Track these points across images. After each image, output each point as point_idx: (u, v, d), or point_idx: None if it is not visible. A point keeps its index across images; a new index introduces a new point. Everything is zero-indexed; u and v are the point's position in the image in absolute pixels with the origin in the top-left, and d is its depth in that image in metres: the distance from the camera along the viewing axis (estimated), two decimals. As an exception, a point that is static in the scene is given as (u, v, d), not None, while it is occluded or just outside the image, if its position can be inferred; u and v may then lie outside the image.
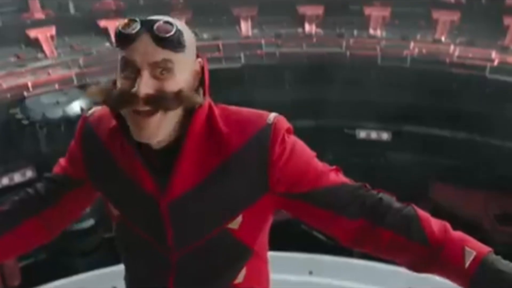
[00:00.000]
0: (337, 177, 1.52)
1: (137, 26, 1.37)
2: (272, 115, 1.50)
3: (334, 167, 1.54)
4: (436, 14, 15.79)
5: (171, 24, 1.39)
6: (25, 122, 13.08)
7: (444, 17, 15.75)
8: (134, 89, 1.34)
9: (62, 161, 1.71)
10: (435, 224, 1.47)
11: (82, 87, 13.89)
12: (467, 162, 13.30)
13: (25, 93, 13.66)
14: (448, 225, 1.48)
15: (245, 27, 16.48)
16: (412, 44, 15.06)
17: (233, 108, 1.54)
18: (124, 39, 1.37)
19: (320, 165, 1.52)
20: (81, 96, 13.51)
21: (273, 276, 1.68)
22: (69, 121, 12.66)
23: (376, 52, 14.91)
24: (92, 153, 1.60)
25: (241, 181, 1.47)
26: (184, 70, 1.40)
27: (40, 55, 15.32)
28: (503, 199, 12.62)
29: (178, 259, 1.56)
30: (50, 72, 14.60)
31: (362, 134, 14.64)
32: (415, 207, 1.49)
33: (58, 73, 14.62)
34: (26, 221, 1.66)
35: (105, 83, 1.45)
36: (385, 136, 14.50)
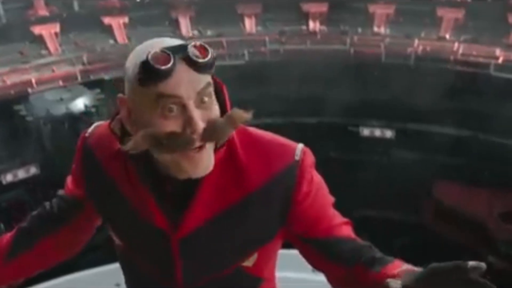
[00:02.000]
0: (349, 231, 1.47)
1: (171, 57, 1.20)
2: (299, 149, 1.39)
3: (346, 220, 1.48)
4: (440, 12, 15.74)
5: (203, 46, 1.24)
6: (29, 118, 13.11)
7: (449, 15, 15.70)
8: (189, 130, 1.21)
9: (68, 181, 1.61)
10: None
11: (86, 84, 13.93)
12: (471, 160, 13.27)
13: (29, 90, 13.69)
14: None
15: (249, 24, 16.47)
16: (416, 42, 15.02)
17: (254, 132, 1.43)
18: (162, 75, 1.20)
19: (336, 213, 1.47)
20: (85, 92, 13.54)
21: (277, 273, 1.66)
22: (73, 118, 12.69)
23: (380, 50, 14.87)
24: (92, 177, 1.47)
25: (260, 219, 1.39)
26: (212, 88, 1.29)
27: (44, 51, 15.35)
28: (507, 198, 12.58)
29: None
30: (54, 68, 14.63)
31: (365, 131, 14.62)
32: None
33: (62, 69, 14.64)
34: (44, 239, 1.62)
35: (144, 131, 1.25)
36: (388, 134, 14.48)
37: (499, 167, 12.81)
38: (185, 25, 16.05)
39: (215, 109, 1.26)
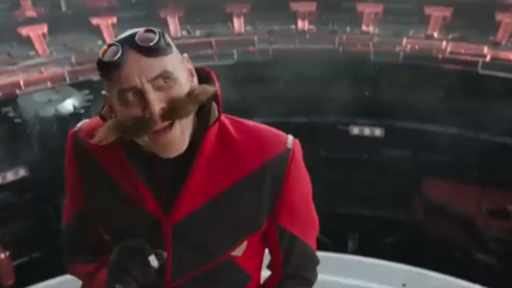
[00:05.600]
0: (312, 239, 1.54)
1: (119, 49, 1.25)
2: (290, 139, 1.43)
3: (316, 222, 1.55)
4: (428, 10, 15.81)
5: (151, 30, 1.28)
6: (17, 120, 13.02)
7: (436, 13, 15.77)
8: (147, 112, 1.24)
9: (67, 202, 1.57)
10: None
11: (75, 85, 13.85)
12: (460, 157, 13.33)
13: (17, 91, 13.60)
14: None
15: (238, 24, 16.45)
16: (404, 40, 15.08)
17: (246, 121, 1.45)
18: (112, 67, 1.25)
19: (312, 209, 1.53)
20: (73, 94, 13.46)
21: (266, 273, 1.68)
22: (62, 119, 12.61)
23: (369, 48, 14.92)
24: (87, 170, 1.46)
25: (251, 204, 1.40)
26: (180, 69, 1.30)
27: (32, 53, 15.24)
28: (495, 194, 12.66)
29: None
30: (42, 70, 14.53)
31: (355, 130, 14.65)
32: None
33: (50, 71, 14.55)
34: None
35: (109, 121, 1.31)
36: (378, 132, 14.52)
37: (487, 164, 12.90)
38: (173, 25, 16.01)
39: (179, 88, 1.28)
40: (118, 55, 1.25)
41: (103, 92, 1.33)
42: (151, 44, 1.25)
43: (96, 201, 1.47)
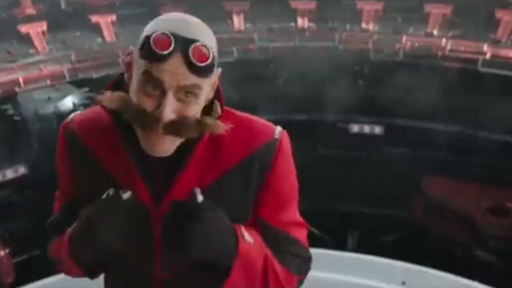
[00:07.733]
0: (298, 232, 1.52)
1: (171, 45, 1.22)
2: (278, 130, 1.43)
3: (300, 219, 1.52)
4: (428, 8, 15.82)
5: (207, 48, 1.25)
6: (17, 118, 13.05)
7: (436, 11, 15.78)
8: (157, 112, 1.24)
9: (58, 194, 1.56)
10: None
11: (74, 82, 13.87)
12: (460, 155, 13.35)
13: (17, 89, 13.61)
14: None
15: (238, 22, 16.46)
16: (404, 38, 15.08)
17: (236, 112, 1.45)
18: (155, 57, 1.22)
19: (295, 204, 1.50)
20: (73, 91, 13.48)
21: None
22: (61, 117, 12.59)
23: (369, 46, 14.92)
24: (79, 160, 1.45)
25: (238, 196, 1.41)
26: (208, 87, 1.31)
27: (31, 50, 15.24)
28: (495, 192, 12.68)
29: (162, 281, 1.46)
30: (42, 67, 14.54)
31: (355, 128, 14.66)
32: None
33: (49, 68, 14.56)
34: None
35: (123, 94, 1.30)
36: (378, 130, 14.53)
37: (487, 162, 12.91)
38: (173, 22, 16.02)
39: (195, 108, 1.28)
40: (167, 51, 1.22)
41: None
42: (200, 64, 1.24)
43: (87, 190, 1.45)
